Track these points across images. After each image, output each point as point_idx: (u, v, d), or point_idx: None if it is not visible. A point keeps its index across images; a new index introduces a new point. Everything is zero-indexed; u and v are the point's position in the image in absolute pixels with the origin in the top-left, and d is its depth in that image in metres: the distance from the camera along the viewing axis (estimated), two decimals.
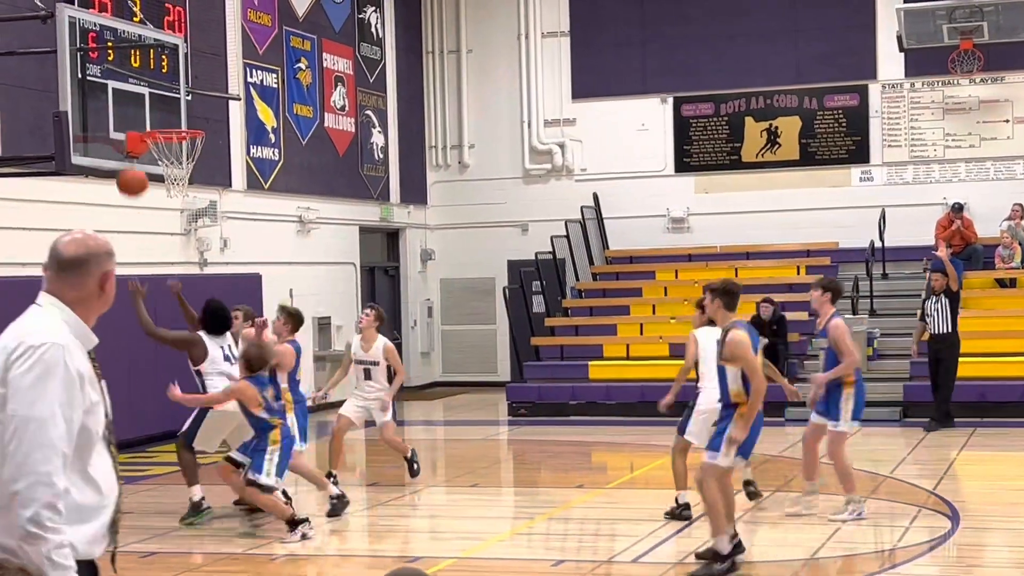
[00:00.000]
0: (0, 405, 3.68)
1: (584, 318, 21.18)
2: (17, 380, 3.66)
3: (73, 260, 3.88)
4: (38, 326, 3.79)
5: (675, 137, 22.94)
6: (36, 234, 14.56)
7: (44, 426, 3.63)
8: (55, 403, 3.67)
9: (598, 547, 10.30)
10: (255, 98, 18.93)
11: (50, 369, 3.69)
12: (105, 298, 3.94)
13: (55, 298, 3.88)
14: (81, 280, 3.89)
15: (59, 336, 3.76)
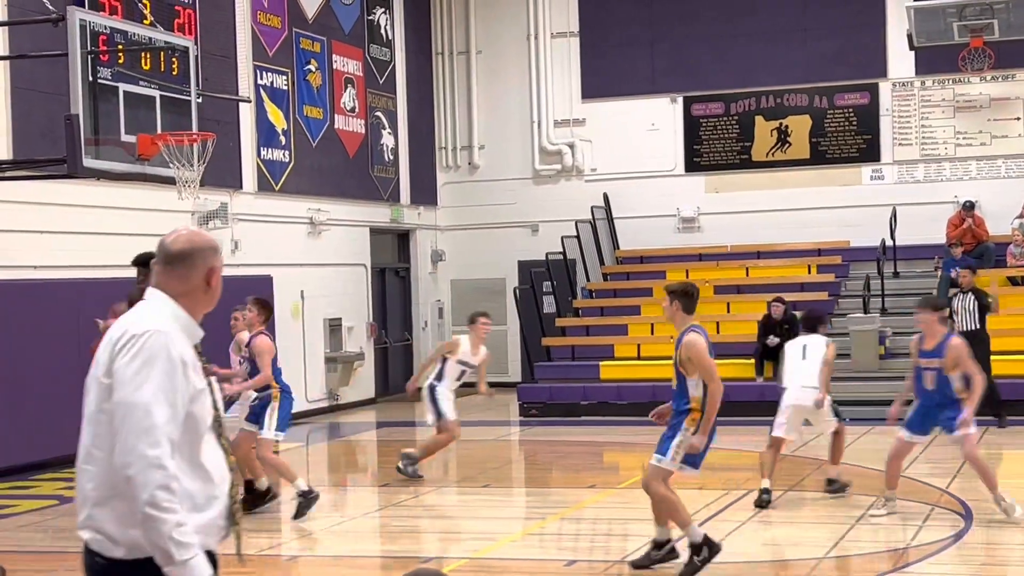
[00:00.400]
0: (106, 395, 3.72)
1: (595, 318, 21.18)
2: (121, 368, 3.70)
3: (179, 254, 3.92)
4: (142, 316, 3.84)
5: (685, 137, 22.93)
6: (49, 237, 14.63)
7: (149, 411, 3.65)
8: (158, 388, 3.69)
9: (610, 547, 10.30)
10: (265, 100, 18.96)
11: (153, 355, 3.72)
12: (212, 293, 3.97)
13: (161, 291, 3.92)
14: (187, 273, 3.92)
15: (162, 324, 3.80)
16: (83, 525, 3.72)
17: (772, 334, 18.19)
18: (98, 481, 3.70)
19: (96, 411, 3.75)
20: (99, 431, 3.73)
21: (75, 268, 14.96)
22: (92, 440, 3.74)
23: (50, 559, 9.63)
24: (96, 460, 3.72)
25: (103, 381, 3.74)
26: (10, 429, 13.65)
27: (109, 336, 3.82)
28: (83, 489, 3.74)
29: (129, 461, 3.61)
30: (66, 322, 14.47)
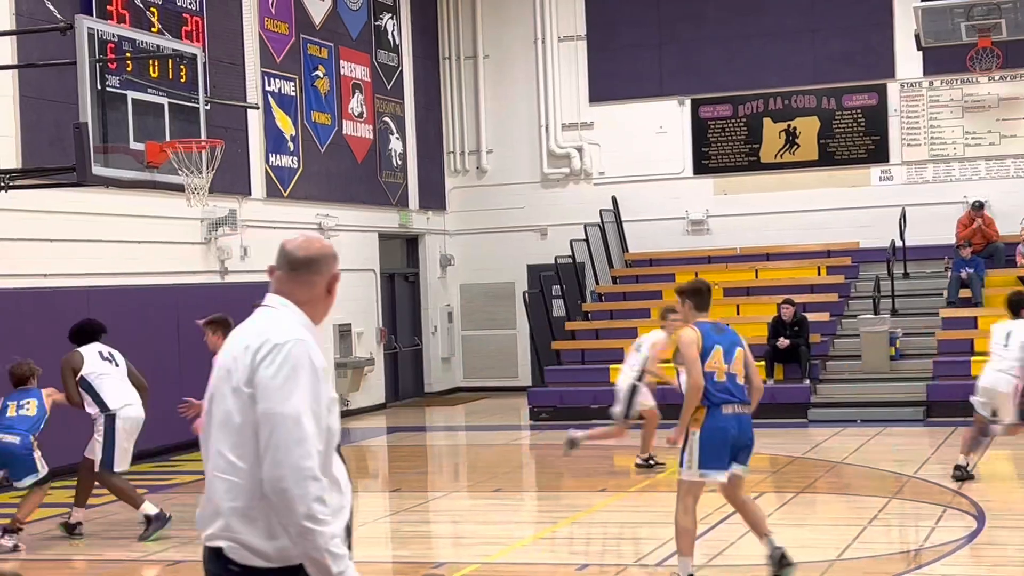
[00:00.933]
0: (249, 405, 3.68)
1: (604, 321, 21.16)
2: (266, 379, 3.66)
3: (305, 261, 3.89)
4: (279, 324, 3.79)
5: (693, 139, 22.92)
6: (58, 245, 14.66)
7: (300, 422, 3.62)
8: (306, 399, 3.67)
9: (622, 551, 10.28)
10: (273, 106, 18.99)
11: (297, 365, 3.69)
12: (331, 300, 3.97)
13: (286, 299, 3.88)
14: (312, 280, 3.90)
15: (301, 332, 3.78)
16: (219, 535, 3.67)
17: (782, 336, 18.16)
18: (239, 492, 3.66)
19: (239, 422, 3.69)
20: (240, 441, 3.68)
21: (84, 276, 14.98)
22: (232, 450, 3.68)
23: (58, 568, 9.63)
24: (238, 471, 3.67)
25: (244, 390, 3.69)
26: None
27: (242, 344, 3.76)
28: (218, 499, 3.69)
29: (283, 474, 3.57)
30: None
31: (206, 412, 3.83)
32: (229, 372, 3.75)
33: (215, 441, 3.74)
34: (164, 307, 15.88)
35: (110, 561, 10.12)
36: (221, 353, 3.87)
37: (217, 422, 3.74)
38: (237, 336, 3.85)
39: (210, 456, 3.77)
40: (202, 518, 3.74)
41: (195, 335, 16.03)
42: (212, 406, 3.80)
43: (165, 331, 15.83)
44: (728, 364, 8.28)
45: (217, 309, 17.08)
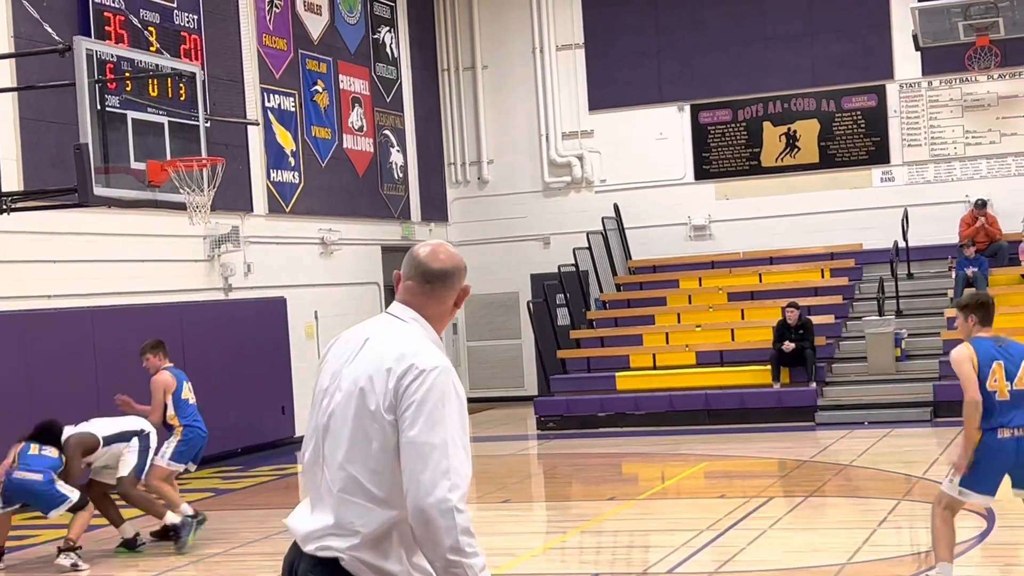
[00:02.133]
0: (390, 432, 3.60)
1: (609, 329, 21.16)
2: (415, 406, 3.57)
3: (442, 273, 3.79)
4: (419, 346, 3.69)
5: (693, 144, 22.93)
6: (61, 266, 14.68)
7: (447, 453, 3.54)
8: (455, 429, 3.60)
9: (632, 559, 10.27)
10: (273, 122, 19.01)
11: (445, 394, 3.61)
12: (455, 313, 3.87)
13: (417, 313, 3.79)
14: (446, 294, 3.81)
15: (444, 359, 3.69)
16: (339, 549, 3.62)
17: (787, 339, 18.15)
18: (373, 518, 3.61)
19: (376, 448, 3.61)
20: (378, 468, 3.61)
21: (88, 296, 15.00)
22: (368, 477, 3.61)
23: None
24: (374, 498, 3.62)
25: (386, 417, 3.61)
26: None
27: (380, 364, 3.64)
28: (347, 520, 3.62)
29: (429, 505, 3.51)
30: (80, 350, 14.51)
31: (321, 425, 3.74)
32: (364, 392, 3.65)
33: (345, 460, 3.66)
34: (169, 325, 15.87)
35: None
36: (351, 367, 3.71)
37: (349, 442, 3.66)
38: (369, 352, 3.71)
39: (330, 469, 3.68)
40: (315, 531, 3.67)
41: (199, 351, 16.10)
42: (337, 422, 3.68)
43: (170, 348, 15.80)
44: (1011, 382, 7.77)
45: (222, 325, 17.20)
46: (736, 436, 16.76)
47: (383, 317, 3.84)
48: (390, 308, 3.85)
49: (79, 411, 14.42)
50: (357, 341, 3.79)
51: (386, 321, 3.81)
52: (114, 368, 14.85)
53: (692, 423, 17.88)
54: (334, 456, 3.68)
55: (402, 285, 3.83)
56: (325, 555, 3.64)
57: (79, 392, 14.38)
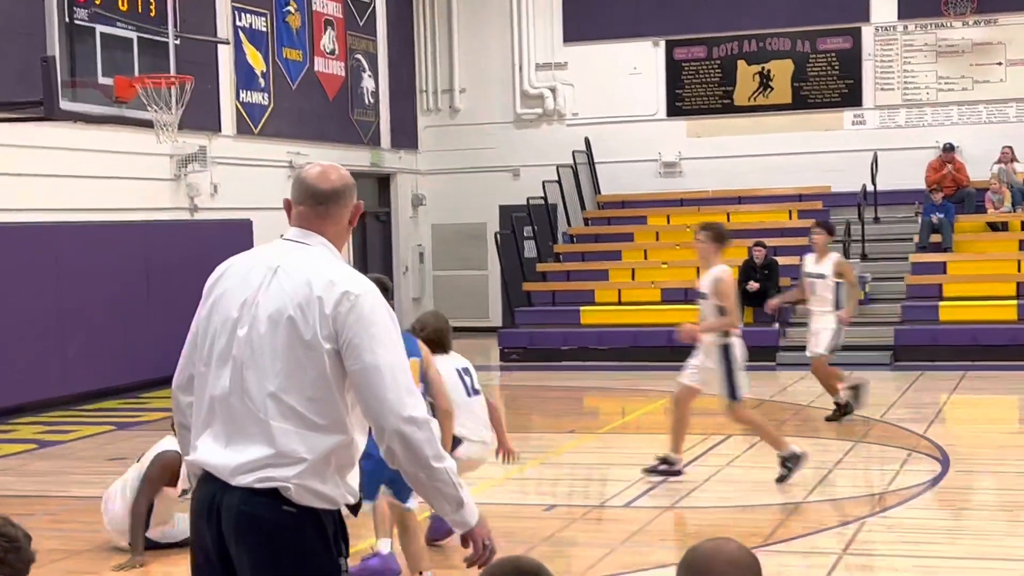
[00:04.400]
0: (331, 360, 3.60)
1: (576, 263, 21.17)
2: (357, 331, 3.58)
3: (334, 193, 3.77)
4: (344, 271, 3.70)
5: (667, 81, 22.83)
6: (25, 180, 14.51)
7: (404, 371, 3.62)
8: (399, 346, 3.65)
9: (590, 492, 10.34)
10: (244, 42, 18.78)
11: (384, 315, 3.65)
12: (350, 232, 3.87)
13: (319, 236, 3.77)
14: (341, 213, 3.80)
15: (366, 279, 3.71)
16: (279, 478, 3.59)
17: (752, 279, 18.21)
18: (316, 444, 3.60)
19: (314, 375, 3.59)
20: (317, 396, 3.60)
21: (52, 211, 14.84)
22: (305, 405, 3.60)
23: (30, 503, 9.63)
24: (315, 426, 3.60)
25: (323, 345, 3.59)
26: None
27: (304, 292, 3.61)
28: (288, 450, 3.59)
29: (402, 423, 3.57)
30: (43, 266, 14.39)
31: (237, 355, 3.67)
32: (294, 321, 3.62)
33: (278, 390, 3.61)
34: (132, 244, 15.77)
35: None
36: (267, 296, 3.66)
37: (282, 372, 3.61)
38: (287, 280, 3.66)
39: (257, 399, 3.62)
40: (246, 463, 3.61)
41: (163, 272, 16.00)
42: (263, 353, 3.63)
43: (133, 268, 15.73)
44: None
45: (186, 246, 17.07)
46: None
47: (284, 244, 3.79)
48: (288, 234, 3.80)
49: (40, 326, 14.37)
50: (263, 269, 3.72)
51: (291, 248, 3.76)
52: (76, 286, 14.76)
53: (655, 360, 17.93)
54: (262, 386, 3.62)
55: (295, 211, 3.80)
56: (264, 486, 3.59)
57: (39, 308, 14.30)
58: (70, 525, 8.87)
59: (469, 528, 3.72)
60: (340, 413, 3.64)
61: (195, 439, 3.76)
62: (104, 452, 11.71)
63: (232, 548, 3.63)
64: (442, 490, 3.65)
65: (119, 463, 11.06)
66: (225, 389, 3.69)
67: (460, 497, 3.67)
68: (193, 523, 3.75)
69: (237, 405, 3.66)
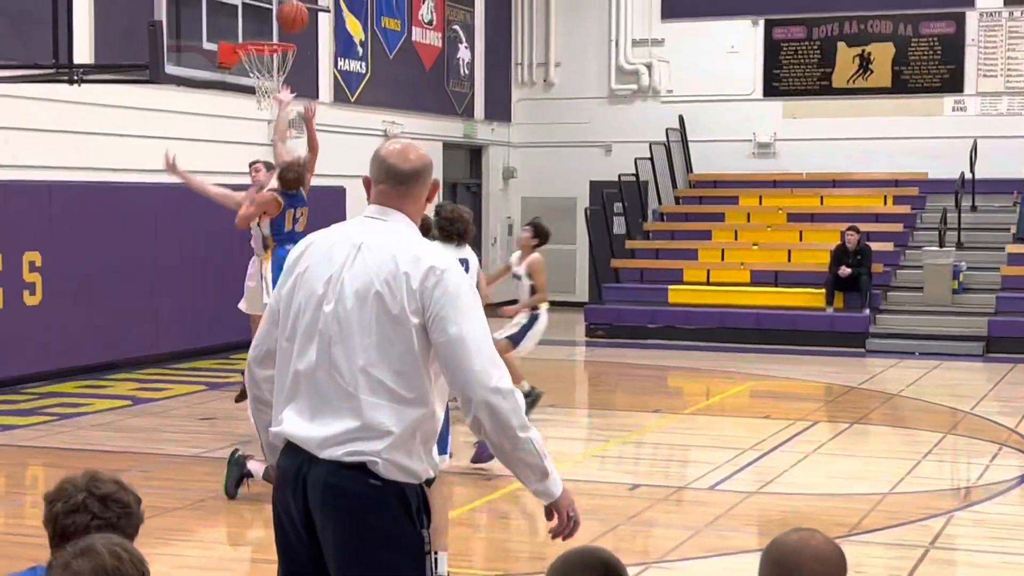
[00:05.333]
0: (419, 334, 3.67)
1: (665, 241, 21.09)
2: (443, 305, 3.67)
3: (414, 172, 3.85)
4: (428, 247, 3.80)
5: (765, 60, 22.60)
6: (127, 140, 14.76)
7: (489, 343, 3.72)
8: (483, 318, 3.75)
9: (673, 472, 10.34)
10: (344, 10, 18.90)
11: (467, 289, 3.74)
12: (426, 207, 3.95)
13: (398, 212, 3.85)
14: (419, 192, 3.88)
15: (449, 255, 3.82)
16: (367, 452, 3.64)
17: (844, 264, 18.03)
18: (403, 418, 3.67)
19: (402, 350, 3.66)
20: (404, 370, 3.67)
21: (151, 172, 15.08)
22: (394, 379, 3.67)
23: (124, 458, 9.84)
24: (403, 399, 3.67)
25: (411, 320, 3.66)
26: (84, 328, 13.89)
27: (391, 267, 3.69)
28: (374, 421, 3.66)
29: (489, 393, 3.64)
30: (141, 226, 14.65)
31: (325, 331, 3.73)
32: (381, 297, 3.68)
33: (367, 364, 3.67)
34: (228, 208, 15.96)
35: None
36: (352, 273, 3.72)
37: (372, 347, 3.67)
38: (372, 256, 3.73)
39: (346, 373, 3.69)
40: (334, 436, 3.67)
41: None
42: (351, 328, 3.69)
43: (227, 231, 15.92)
44: None
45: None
46: (785, 358, 16.73)
47: (365, 221, 3.85)
48: (368, 211, 3.86)
49: (137, 284, 14.65)
50: (346, 245, 3.78)
51: (372, 225, 3.83)
52: (172, 246, 15.00)
53: (742, 341, 17.86)
54: (351, 361, 3.68)
55: (375, 189, 3.86)
56: (353, 459, 3.64)
57: (137, 266, 14.57)
58: (163, 483, 9.06)
59: (554, 499, 3.76)
60: (425, 386, 3.70)
61: (278, 412, 3.82)
62: (196, 411, 11.93)
63: (317, 519, 3.69)
64: (527, 460, 3.69)
65: (209, 422, 11.28)
66: (311, 364, 3.74)
67: (545, 467, 3.71)
68: (277, 493, 3.81)
69: (324, 379, 3.72)
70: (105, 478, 3.11)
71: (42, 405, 12.22)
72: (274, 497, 3.82)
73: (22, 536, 7.88)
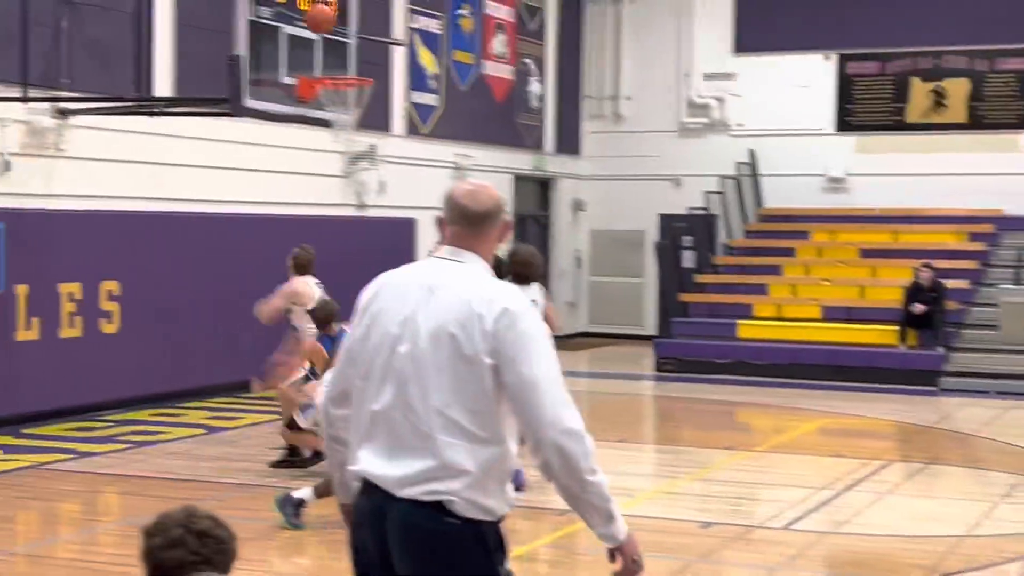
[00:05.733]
0: (490, 375, 3.68)
1: (735, 276, 20.99)
2: (516, 347, 3.67)
3: (486, 214, 3.87)
4: (502, 289, 3.82)
5: (837, 95, 22.49)
6: (205, 171, 14.97)
7: (560, 385, 3.71)
8: (555, 361, 3.74)
9: (746, 511, 10.25)
10: (417, 43, 19.07)
11: (540, 331, 3.75)
12: (497, 246, 3.97)
13: (472, 253, 3.87)
14: (490, 233, 3.89)
15: (522, 297, 3.82)
16: (444, 491, 3.67)
17: (918, 301, 17.83)
18: (477, 457, 3.68)
19: (475, 391, 3.67)
20: (478, 410, 3.68)
21: (227, 203, 15.28)
22: (469, 419, 3.68)
23: (198, 487, 9.93)
24: (477, 439, 3.68)
25: (485, 361, 3.67)
26: (160, 357, 14.06)
27: (464, 309, 3.70)
28: (449, 460, 3.68)
29: (561, 436, 3.63)
30: (216, 255, 14.82)
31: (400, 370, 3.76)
32: (455, 338, 3.69)
33: (442, 405, 3.69)
34: (302, 238, 16.07)
35: None
36: (427, 314, 3.73)
37: (446, 387, 3.70)
38: (447, 298, 3.76)
39: (422, 414, 3.71)
40: (411, 475, 3.70)
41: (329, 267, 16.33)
42: (426, 368, 3.72)
43: None
44: None
45: (352, 242, 17.40)
46: (857, 395, 16.57)
47: (438, 262, 3.87)
48: (442, 252, 3.88)
49: (211, 313, 14.81)
50: (419, 287, 3.81)
51: (446, 266, 3.85)
52: (248, 276, 15.15)
53: (813, 378, 17.71)
54: (426, 401, 3.70)
55: (448, 230, 3.88)
56: (430, 499, 3.67)
57: (211, 294, 14.73)
58: (237, 512, 9.12)
59: (618, 543, 3.75)
60: (499, 425, 3.72)
61: (355, 451, 3.86)
62: (268, 441, 12.01)
63: (395, 557, 3.71)
64: (594, 503, 3.69)
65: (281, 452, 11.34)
66: (387, 404, 3.78)
67: (611, 511, 3.70)
68: (355, 531, 3.85)
69: (400, 419, 3.75)
70: (201, 513, 3.15)
71: (118, 432, 12.38)
72: (352, 535, 3.85)
73: (98, 563, 7.98)
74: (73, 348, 12.98)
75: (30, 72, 11.87)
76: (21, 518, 9.45)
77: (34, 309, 12.55)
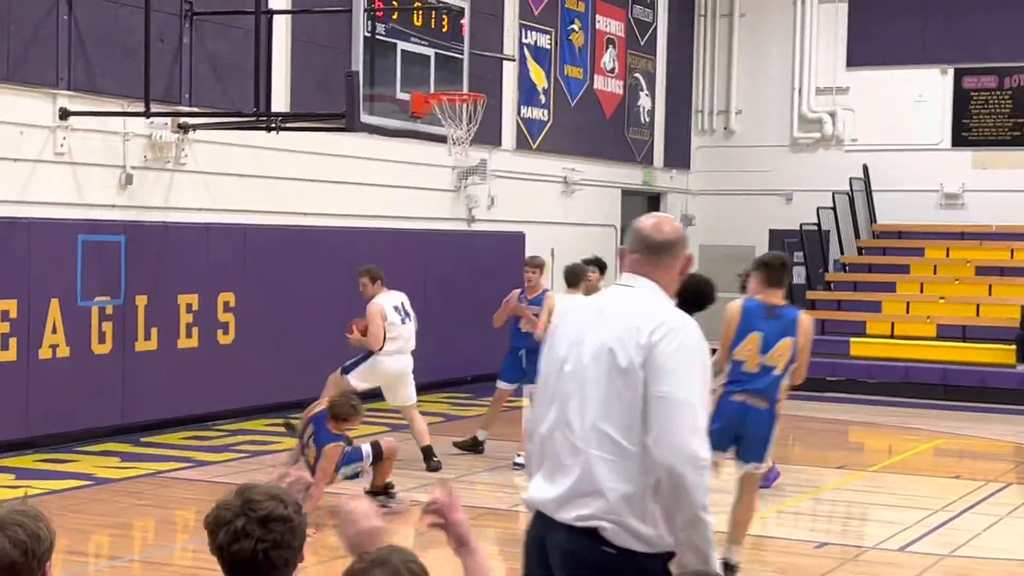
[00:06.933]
0: (641, 385, 3.65)
1: (847, 293, 20.72)
2: (664, 361, 3.64)
3: (668, 244, 3.92)
4: (666, 307, 3.82)
5: (953, 109, 22.10)
6: (320, 185, 15.18)
7: (699, 411, 3.64)
8: (703, 388, 3.70)
9: (862, 532, 10.11)
10: (528, 58, 19.15)
11: (696, 353, 3.71)
12: (679, 281, 3.97)
13: (646, 279, 3.89)
14: (672, 263, 3.92)
15: (690, 320, 3.80)
16: (598, 516, 3.64)
17: None
18: (629, 475, 3.64)
19: (629, 404, 3.65)
20: (631, 424, 3.65)
21: (340, 217, 15.47)
22: (621, 432, 3.65)
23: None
24: (628, 454, 3.65)
25: (639, 372, 3.65)
26: (274, 368, 14.26)
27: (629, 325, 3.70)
28: (600, 479, 3.66)
29: (681, 461, 3.56)
30: (331, 267, 15.00)
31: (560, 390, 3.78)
32: (613, 352, 3.69)
33: (597, 418, 3.68)
34: (413, 251, 16.28)
35: None
36: (593, 334, 3.77)
37: (601, 400, 3.69)
38: (612, 317, 3.78)
39: (578, 430, 3.70)
40: (564, 494, 3.69)
41: (439, 280, 16.47)
42: (585, 383, 3.72)
43: (413, 275, 16.22)
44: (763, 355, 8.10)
45: (462, 256, 17.52)
46: (972, 415, 16.24)
47: (613, 288, 3.94)
48: (620, 280, 3.93)
49: (323, 328, 14.98)
50: (591, 312, 3.87)
51: (618, 291, 3.91)
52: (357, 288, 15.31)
53: (927, 397, 17.40)
54: (583, 416, 3.70)
55: (628, 259, 3.93)
56: (583, 524, 3.65)
57: (325, 309, 14.91)
58: None
59: None
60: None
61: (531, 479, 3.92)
62: None
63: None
64: (696, 543, 3.59)
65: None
66: (551, 424, 3.81)
67: (708, 556, 3.60)
68: (524, 559, 3.91)
69: (560, 438, 3.77)
70: (259, 494, 2.93)
71: (233, 442, 12.59)
72: (522, 562, 3.91)
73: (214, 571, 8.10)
74: (190, 358, 13.23)
75: (152, 88, 12.14)
76: (139, 525, 9.65)
77: (152, 320, 12.82)
